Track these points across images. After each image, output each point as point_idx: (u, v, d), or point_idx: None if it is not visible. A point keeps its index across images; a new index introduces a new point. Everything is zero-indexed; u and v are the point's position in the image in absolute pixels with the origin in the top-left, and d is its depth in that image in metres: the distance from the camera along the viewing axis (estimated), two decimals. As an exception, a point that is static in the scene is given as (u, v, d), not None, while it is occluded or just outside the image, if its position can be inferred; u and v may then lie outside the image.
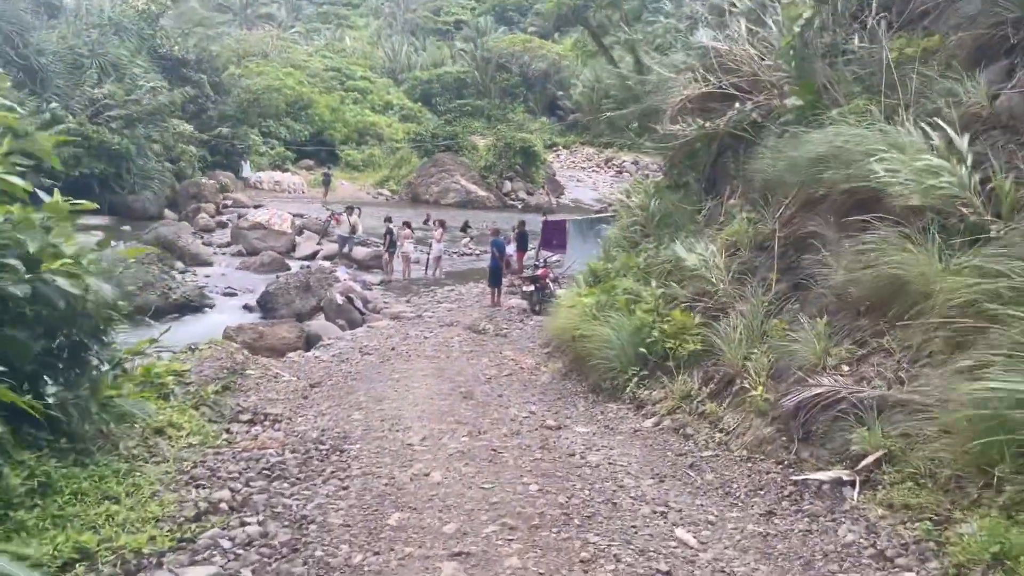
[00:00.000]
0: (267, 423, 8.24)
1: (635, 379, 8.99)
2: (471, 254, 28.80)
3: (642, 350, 8.99)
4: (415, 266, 24.18)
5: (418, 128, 52.75)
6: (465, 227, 31.57)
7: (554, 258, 20.50)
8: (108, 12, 37.24)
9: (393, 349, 13.21)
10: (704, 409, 7.59)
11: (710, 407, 7.51)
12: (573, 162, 64.62)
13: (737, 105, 10.27)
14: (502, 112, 63.13)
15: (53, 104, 29.74)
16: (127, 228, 28.73)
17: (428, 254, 23.88)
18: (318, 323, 16.89)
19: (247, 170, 38.03)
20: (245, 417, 8.40)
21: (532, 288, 17.18)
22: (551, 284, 18.09)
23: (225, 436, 7.55)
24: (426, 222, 29.05)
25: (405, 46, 72.14)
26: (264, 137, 46.74)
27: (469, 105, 63.63)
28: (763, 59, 10.41)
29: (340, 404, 9.17)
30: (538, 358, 12.67)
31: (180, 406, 7.56)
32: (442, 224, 23.90)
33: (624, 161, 62.42)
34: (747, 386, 7.05)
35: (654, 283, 9.67)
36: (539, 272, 17.79)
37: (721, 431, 7.11)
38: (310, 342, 15.85)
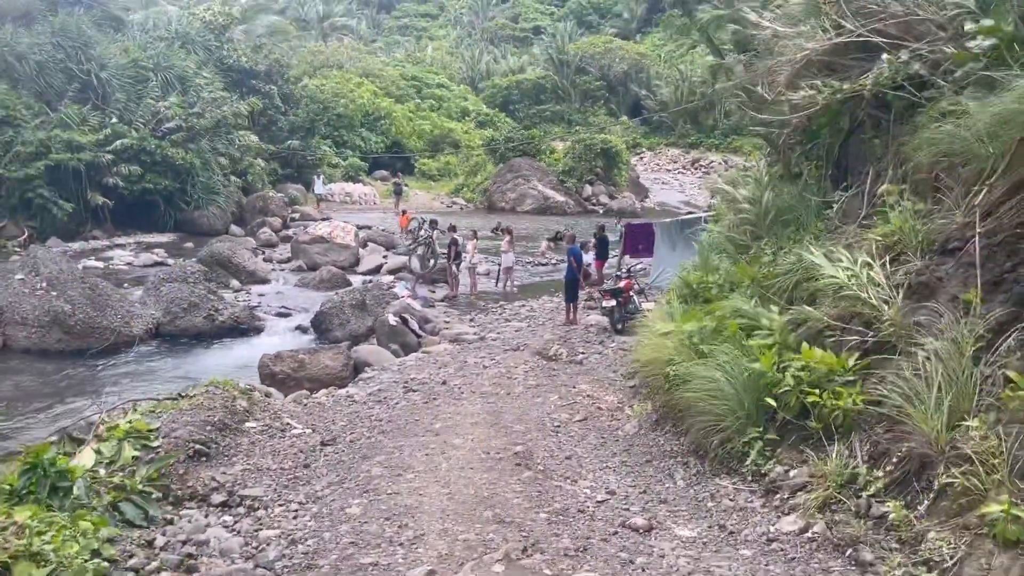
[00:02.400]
0: (242, 509, 6.00)
1: (758, 444, 6.34)
2: (547, 264, 26.33)
3: (768, 401, 6.34)
4: (484, 279, 21.92)
5: (494, 134, 50.81)
6: (557, 237, 29.03)
7: (639, 267, 17.80)
8: (175, 25, 36.62)
9: (444, 383, 10.87)
10: (884, 511, 4.89)
11: (895, 509, 4.80)
12: (657, 164, 62.27)
13: (886, 56, 7.50)
14: (583, 116, 61.25)
15: (114, 120, 28.92)
16: (190, 245, 27.57)
17: (499, 265, 21.59)
18: (368, 348, 14.74)
19: (319, 186, 36.63)
20: (218, 499, 6.18)
21: (614, 303, 14.58)
22: (636, 298, 15.47)
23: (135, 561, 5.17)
24: (495, 230, 26.65)
25: (484, 54, 70.98)
26: (338, 148, 45.67)
27: (548, 110, 61.91)
28: (921, -7, 7.61)
29: (344, 480, 6.86)
30: (621, 394, 10.10)
31: (78, 511, 5.21)
32: (509, 232, 21.54)
33: (712, 161, 59.73)
34: (964, 482, 4.33)
35: (775, 308, 6.97)
36: (622, 284, 15.16)
37: (925, 562, 4.37)
38: (358, 371, 13.73)
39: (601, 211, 42.52)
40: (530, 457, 7.33)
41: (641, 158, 60.61)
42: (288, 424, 8.41)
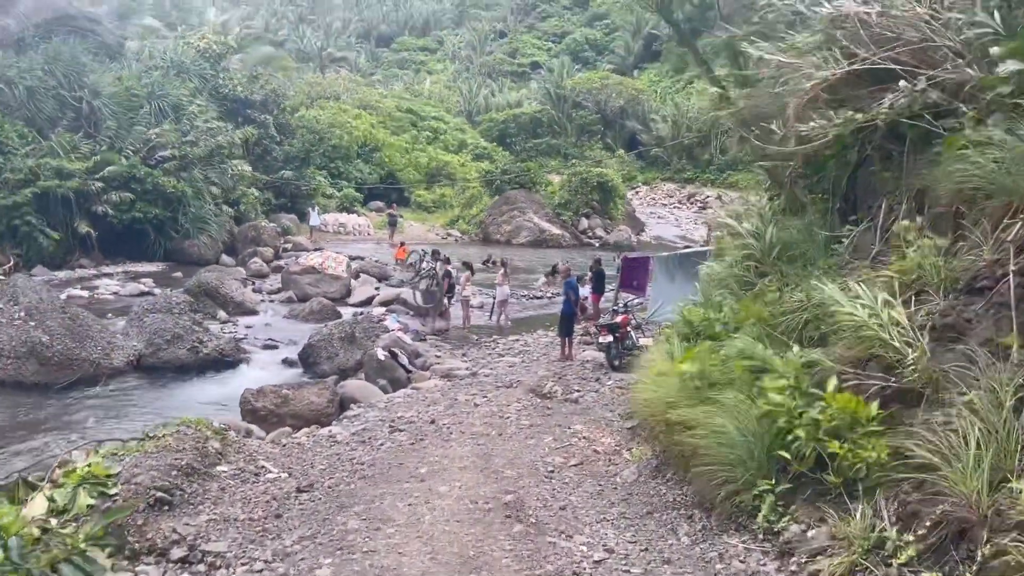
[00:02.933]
0: (203, 567, 5.44)
1: (770, 498, 5.81)
2: (542, 297, 25.84)
3: (781, 453, 5.82)
4: (478, 311, 21.42)
5: (490, 166, 50.69)
6: (553, 270, 28.61)
7: (636, 301, 17.34)
8: (170, 53, 36.46)
9: (432, 422, 10.33)
10: (919, 584, 4.37)
11: (931, 582, 4.28)
12: (653, 199, 62.50)
13: (902, 83, 7.11)
14: (579, 150, 61.48)
15: (103, 147, 28.56)
16: (179, 275, 27.04)
17: (493, 298, 21.11)
18: (355, 384, 14.19)
19: (314, 217, 36.03)
20: (177, 554, 5.62)
21: (611, 338, 14.08)
22: (633, 333, 14.99)
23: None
24: (486, 262, 26.06)
25: (482, 88, 71.33)
26: (333, 179, 45.42)
27: (545, 143, 62.02)
28: (937, 18, 7.25)
29: (318, 534, 6.29)
30: (619, 436, 9.57)
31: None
32: (504, 264, 21.09)
33: (708, 196, 59.95)
34: (1018, 556, 3.82)
35: (796, 348, 6.48)
36: (619, 319, 14.67)
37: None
38: (344, 407, 13.18)
39: (597, 244, 42.21)
40: (521, 507, 6.79)
41: (637, 192, 60.65)
42: (263, 467, 7.85)
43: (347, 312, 21.77)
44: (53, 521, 5.70)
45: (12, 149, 26.74)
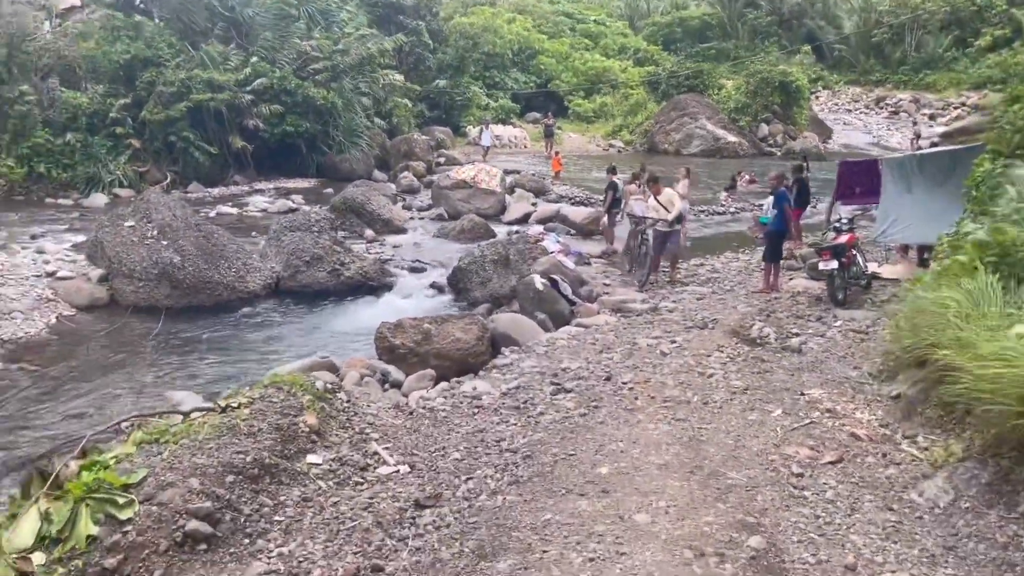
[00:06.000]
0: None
1: None
2: (724, 213, 22.44)
3: None
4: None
5: (655, 70, 46.37)
6: (733, 183, 25.08)
7: (859, 214, 13.77)
8: (319, -43, 34.73)
9: (608, 379, 7.75)
10: None
11: None
12: (836, 104, 56.48)
13: None
14: (751, 54, 55.51)
15: (254, 58, 27.36)
16: (330, 191, 25.71)
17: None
18: (509, 317, 11.83)
19: (487, 136, 33.29)
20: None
21: (835, 264, 10.84)
22: (859, 257, 11.68)
23: None
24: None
25: (645, -10, 65.82)
26: (489, 90, 42.97)
27: (713, 48, 56.43)
28: None
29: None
30: (879, 408, 6.63)
31: None
32: (687, 173, 17.84)
33: (900, 100, 53.23)
34: None
35: None
36: (843, 239, 11.32)
37: None
38: (495, 346, 10.89)
39: (779, 153, 37.68)
40: (781, 566, 4.07)
41: (817, 97, 54.66)
42: (376, 455, 5.62)
43: (501, 231, 19.53)
44: (37, 559, 3.77)
45: (163, 61, 26.02)
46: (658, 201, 13.62)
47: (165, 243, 14.25)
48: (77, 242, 16.44)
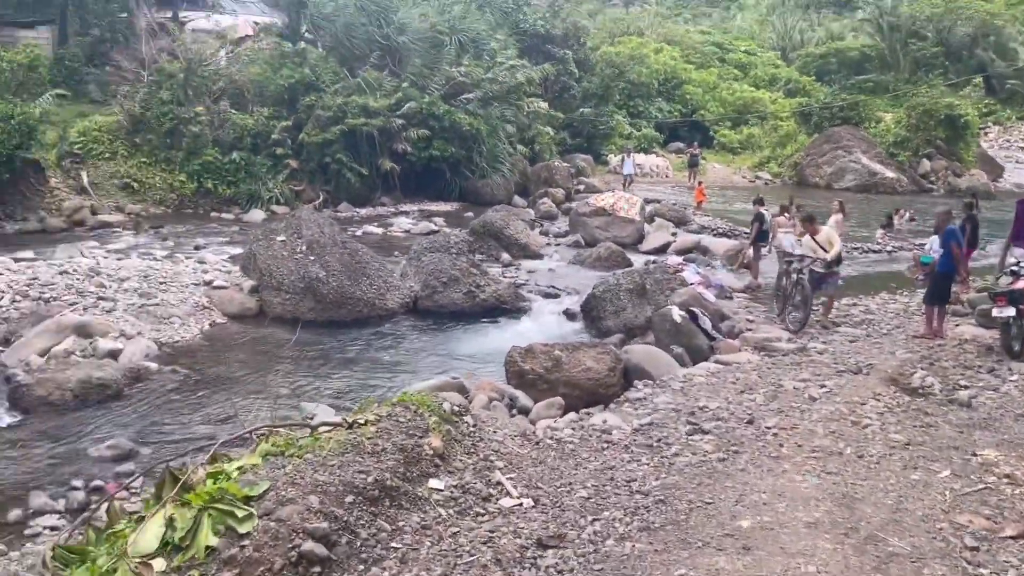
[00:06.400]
0: None
1: None
2: (879, 251, 21.05)
3: None
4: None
5: (807, 101, 44.54)
6: (889, 221, 23.57)
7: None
8: (470, -14, 35.80)
9: (751, 422, 7.24)
10: None
11: None
12: (1008, 140, 52.71)
13: None
14: (913, 86, 52.35)
15: (405, 83, 28.36)
16: (470, 215, 26.14)
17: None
18: (643, 349, 11.42)
19: (628, 164, 32.98)
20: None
21: (1011, 312, 9.78)
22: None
23: None
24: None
25: (798, 21, 63.49)
26: (632, 119, 42.66)
27: (871, 80, 53.56)
28: None
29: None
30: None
31: None
32: (840, 206, 16.80)
33: None
34: None
35: None
36: (1020, 284, 10.20)
37: None
38: (628, 378, 10.52)
39: (941, 190, 35.23)
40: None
41: (986, 133, 50.99)
42: (499, 485, 5.41)
43: (638, 260, 19.12)
44: (158, 566, 3.79)
45: (324, 86, 27.41)
46: (815, 241, 12.74)
47: (312, 258, 14.78)
48: (234, 254, 17.42)
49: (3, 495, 7.31)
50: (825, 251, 12.50)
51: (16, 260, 15.21)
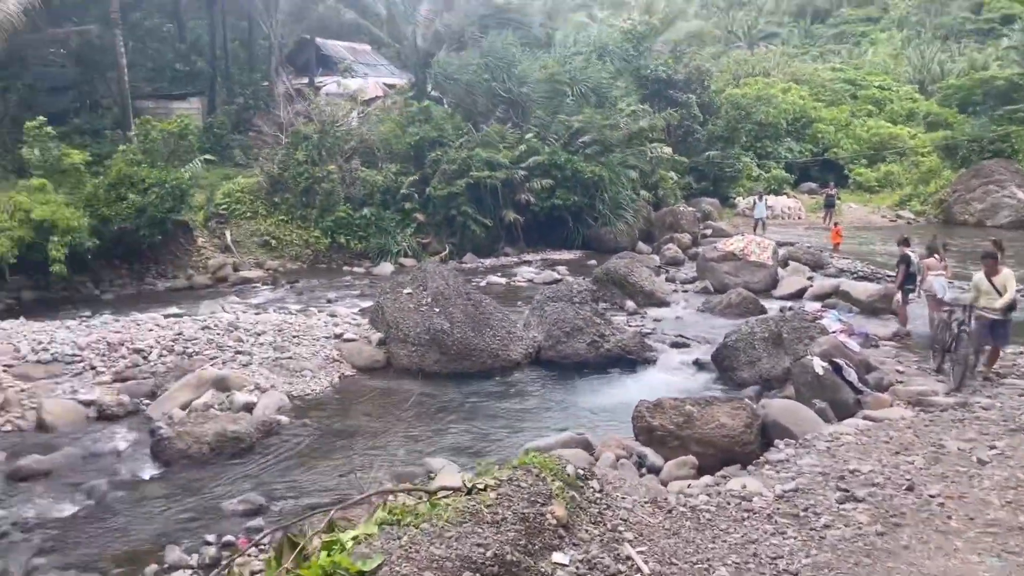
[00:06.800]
0: None
1: None
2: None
3: None
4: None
5: (951, 134, 41.84)
6: None
7: None
8: (593, 37, 36.00)
9: (910, 489, 6.49)
10: None
11: None
12: None
13: None
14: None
15: (529, 135, 28.68)
16: (593, 262, 25.88)
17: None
18: (782, 404, 10.66)
19: (760, 208, 31.87)
20: None
21: None
22: None
23: None
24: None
25: (937, 52, 60.08)
26: (760, 160, 41.46)
27: (1022, 111, 49.81)
28: None
29: None
30: None
31: None
32: (998, 249, 15.39)
33: None
34: None
35: None
36: None
37: None
38: (766, 436, 9.83)
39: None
40: None
41: None
42: (629, 560, 5.00)
43: (772, 306, 18.20)
44: None
45: (448, 141, 28.12)
46: (991, 282, 11.55)
47: (437, 310, 14.88)
48: (364, 307, 17.84)
49: (143, 548, 7.53)
50: (1000, 294, 11.27)
51: (165, 316, 16.14)
